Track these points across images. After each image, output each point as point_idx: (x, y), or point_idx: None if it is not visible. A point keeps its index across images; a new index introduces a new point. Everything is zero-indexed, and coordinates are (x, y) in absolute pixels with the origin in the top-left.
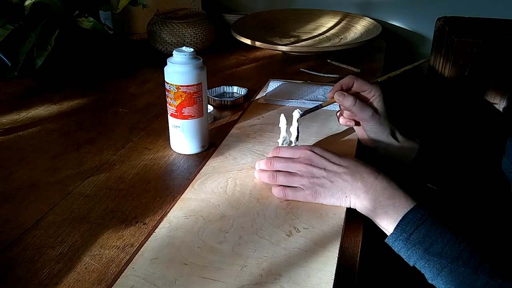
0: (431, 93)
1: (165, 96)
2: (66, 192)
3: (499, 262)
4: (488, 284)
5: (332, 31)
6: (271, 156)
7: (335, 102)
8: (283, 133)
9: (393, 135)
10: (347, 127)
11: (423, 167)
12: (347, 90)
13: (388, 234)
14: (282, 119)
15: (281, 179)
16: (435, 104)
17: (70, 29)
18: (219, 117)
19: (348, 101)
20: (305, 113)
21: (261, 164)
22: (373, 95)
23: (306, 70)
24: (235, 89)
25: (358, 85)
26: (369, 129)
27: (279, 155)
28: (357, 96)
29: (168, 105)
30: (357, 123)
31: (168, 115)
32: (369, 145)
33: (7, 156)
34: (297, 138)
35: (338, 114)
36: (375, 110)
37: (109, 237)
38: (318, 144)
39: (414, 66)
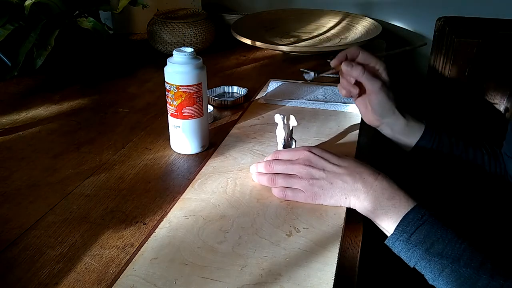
0: (431, 93)
1: (165, 96)
2: (66, 192)
3: (500, 262)
4: (489, 284)
5: (332, 31)
6: (270, 159)
7: (338, 70)
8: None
9: (400, 110)
10: (347, 127)
11: (419, 168)
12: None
13: (389, 234)
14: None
15: (280, 182)
16: (435, 104)
17: (70, 29)
18: (219, 117)
19: (357, 70)
20: (318, 73)
21: (260, 167)
22: (379, 68)
23: (306, 70)
24: (235, 89)
25: (364, 57)
26: (376, 103)
27: (278, 158)
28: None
29: (168, 105)
30: (359, 95)
31: (168, 115)
32: (373, 123)
33: (7, 156)
34: (291, 139)
35: (339, 86)
36: (383, 81)
37: (109, 237)
38: (318, 145)
39: (412, 48)
